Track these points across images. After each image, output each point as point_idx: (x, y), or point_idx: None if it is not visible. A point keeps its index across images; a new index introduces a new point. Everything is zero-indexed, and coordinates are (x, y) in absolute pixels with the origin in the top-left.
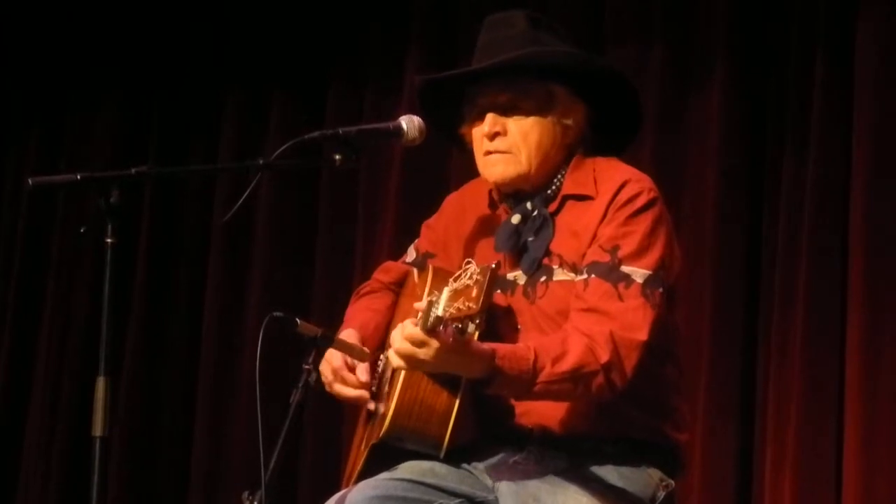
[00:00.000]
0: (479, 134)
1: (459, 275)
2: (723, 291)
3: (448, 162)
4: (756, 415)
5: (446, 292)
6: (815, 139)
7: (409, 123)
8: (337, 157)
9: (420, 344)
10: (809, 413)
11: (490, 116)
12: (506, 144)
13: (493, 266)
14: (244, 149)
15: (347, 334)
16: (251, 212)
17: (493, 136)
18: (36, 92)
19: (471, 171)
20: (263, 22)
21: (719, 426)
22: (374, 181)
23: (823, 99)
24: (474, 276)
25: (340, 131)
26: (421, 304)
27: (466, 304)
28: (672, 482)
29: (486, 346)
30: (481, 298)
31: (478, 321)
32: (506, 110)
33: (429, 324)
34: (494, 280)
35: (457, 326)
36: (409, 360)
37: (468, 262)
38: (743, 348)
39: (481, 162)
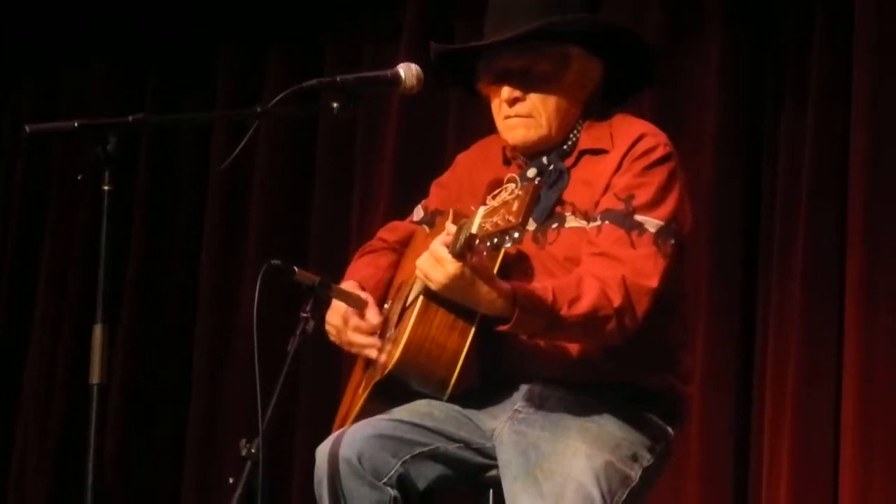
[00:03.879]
0: (497, 99)
1: (498, 192)
2: (721, 246)
3: (445, 109)
4: (755, 368)
5: (482, 210)
6: (813, 94)
7: (407, 71)
8: (335, 104)
9: (444, 263)
10: (808, 366)
11: (508, 84)
12: (526, 109)
13: (536, 183)
14: (240, 101)
15: (348, 286)
16: (248, 160)
17: (512, 102)
18: (31, 44)
19: (469, 120)
20: None
21: (718, 379)
22: (373, 129)
23: (822, 54)
24: (516, 192)
25: (338, 79)
26: (449, 228)
27: (507, 217)
28: (671, 432)
29: (507, 283)
30: (523, 212)
31: (517, 235)
32: (523, 74)
33: (458, 244)
34: (536, 197)
35: (492, 241)
36: (432, 278)
37: (510, 179)
38: (741, 302)
39: (502, 126)
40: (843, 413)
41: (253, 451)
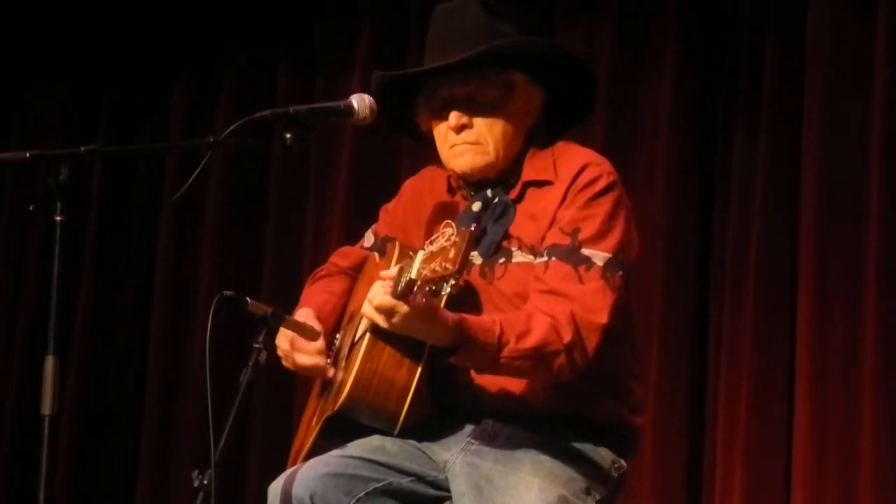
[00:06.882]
0: (443, 127)
1: (436, 238)
2: (673, 274)
3: (399, 140)
4: (707, 394)
5: (420, 255)
6: (766, 118)
7: (360, 102)
8: (288, 135)
9: (390, 311)
10: (760, 395)
11: (455, 111)
12: (473, 136)
13: (472, 229)
14: (193, 131)
15: (304, 313)
16: (201, 191)
17: (459, 129)
18: None
19: (422, 152)
20: (214, 3)
21: (670, 409)
22: (325, 160)
23: (775, 76)
24: (452, 239)
25: (291, 110)
26: (390, 272)
27: (443, 265)
28: (624, 464)
29: (454, 315)
30: (459, 259)
31: (453, 282)
32: (468, 102)
33: (399, 288)
34: (472, 244)
35: (430, 288)
36: (379, 324)
37: (447, 225)
38: (694, 331)
39: (447, 154)
40: (795, 442)
41: (205, 481)
